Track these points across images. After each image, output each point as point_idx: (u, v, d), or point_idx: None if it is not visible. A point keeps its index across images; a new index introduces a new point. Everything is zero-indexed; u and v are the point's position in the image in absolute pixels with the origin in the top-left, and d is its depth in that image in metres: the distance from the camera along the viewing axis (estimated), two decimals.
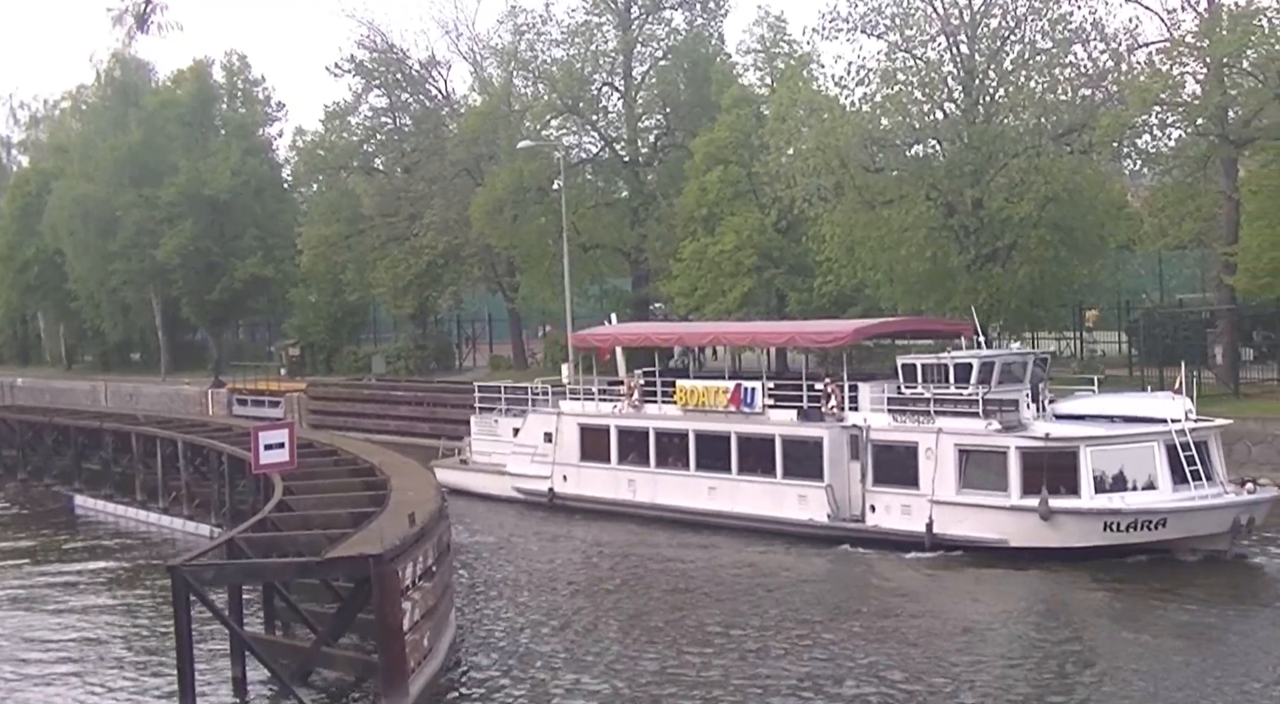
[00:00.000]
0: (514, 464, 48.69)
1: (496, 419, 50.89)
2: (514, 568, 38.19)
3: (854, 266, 54.33)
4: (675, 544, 40.23)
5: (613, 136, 70.34)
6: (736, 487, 41.81)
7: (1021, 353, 40.19)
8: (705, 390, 43.78)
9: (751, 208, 60.25)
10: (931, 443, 37.34)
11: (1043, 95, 51.55)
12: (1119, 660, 26.89)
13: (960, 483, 36.87)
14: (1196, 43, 46.77)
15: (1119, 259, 58.57)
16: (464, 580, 35.38)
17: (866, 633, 29.52)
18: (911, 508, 37.55)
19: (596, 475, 45.91)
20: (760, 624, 30.48)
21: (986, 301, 50.53)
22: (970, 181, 51.23)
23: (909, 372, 39.67)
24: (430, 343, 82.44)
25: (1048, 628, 29.70)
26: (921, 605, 32.18)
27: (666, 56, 69.32)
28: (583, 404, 47.18)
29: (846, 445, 39.48)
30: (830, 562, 37.22)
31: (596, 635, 29.94)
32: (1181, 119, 48.34)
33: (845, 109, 53.72)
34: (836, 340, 43.17)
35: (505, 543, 42.04)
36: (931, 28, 52.97)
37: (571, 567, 38.65)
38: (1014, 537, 35.59)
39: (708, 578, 35.57)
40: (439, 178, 74.14)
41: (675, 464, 43.75)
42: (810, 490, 39.69)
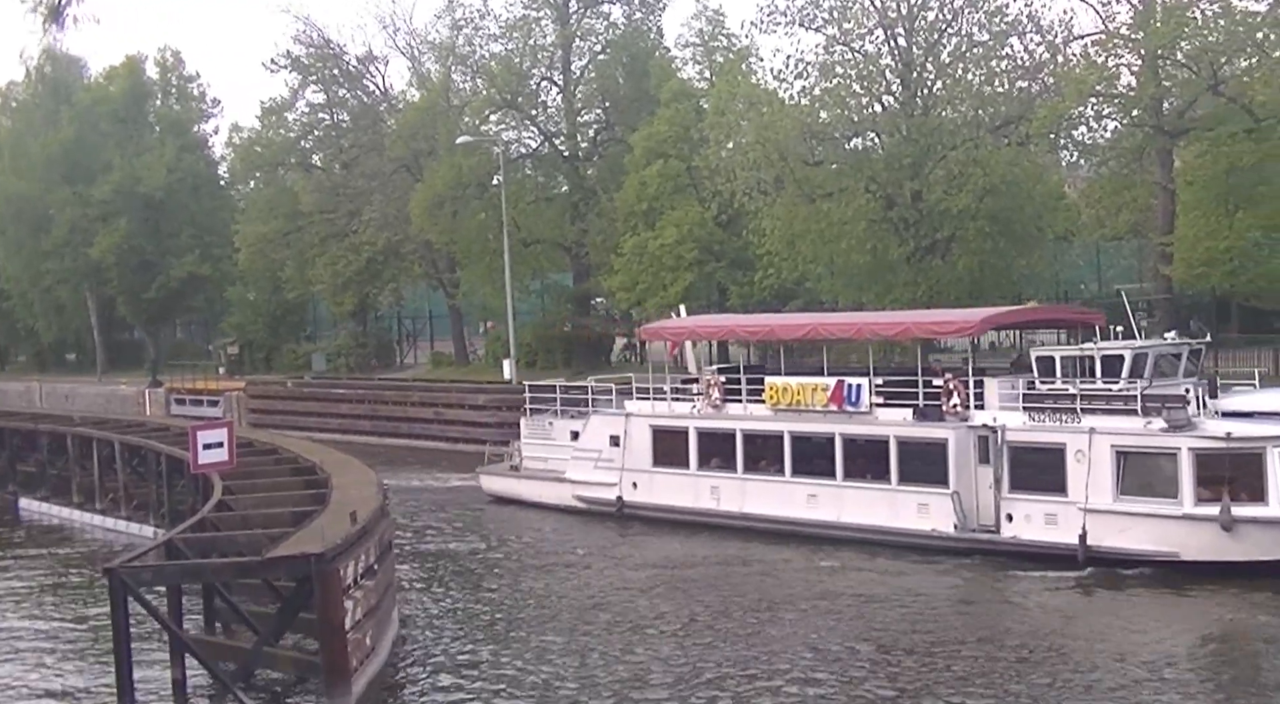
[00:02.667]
0: (575, 470, 44.18)
1: (551, 421, 46.20)
2: (601, 584, 34.31)
3: (795, 260, 54.51)
4: (771, 557, 36.45)
5: (552, 131, 70.16)
6: (842, 494, 37.53)
7: (1177, 343, 35.53)
8: (801, 388, 39.26)
9: (692, 202, 60.30)
10: (1083, 444, 33.23)
11: (980, 87, 51.98)
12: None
13: (1118, 489, 32.82)
14: (1131, 35, 47.17)
15: (1057, 250, 59.05)
16: (534, 593, 33.30)
17: (1028, 666, 25.74)
18: (1058, 517, 33.47)
19: (672, 482, 41.50)
20: (890, 645, 27.59)
21: (926, 293, 50.88)
22: (909, 174, 51.52)
23: (1046, 364, 35.61)
24: (371, 340, 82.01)
25: (1244, 657, 26.48)
26: (1087, 630, 28.10)
27: (605, 51, 69.24)
28: (653, 404, 42.87)
29: (974, 447, 35.41)
30: (964, 578, 33.32)
31: (685, 655, 27.27)
32: (1117, 110, 48.78)
33: (784, 102, 54.00)
34: (963, 331, 39.33)
35: (571, 556, 38.29)
36: (869, 21, 53.23)
37: (657, 580, 34.77)
38: (1187, 549, 31.61)
39: (818, 594, 32.16)
40: (378, 174, 73.77)
41: (767, 469, 39.52)
42: (933, 498, 35.57)
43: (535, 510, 44.56)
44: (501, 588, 34.26)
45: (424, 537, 41.65)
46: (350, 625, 24.14)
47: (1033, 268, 55.13)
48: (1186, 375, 34.60)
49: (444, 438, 62.47)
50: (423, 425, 64.16)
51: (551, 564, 37.12)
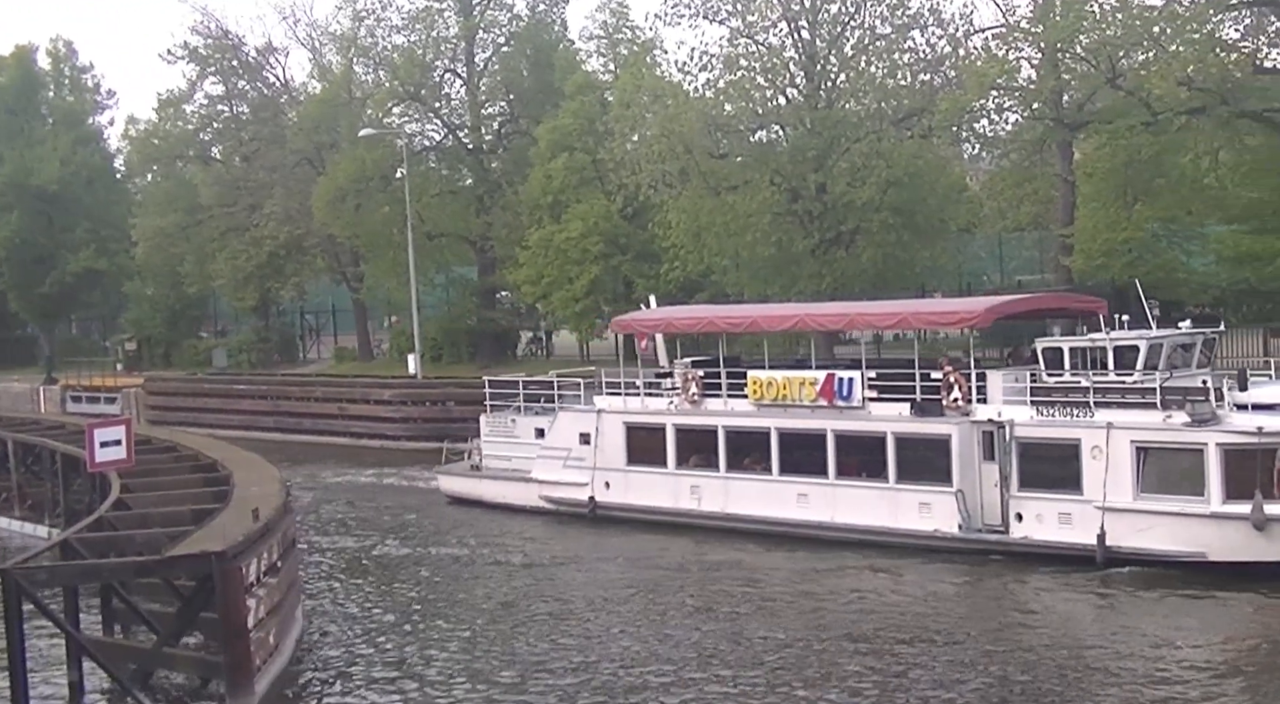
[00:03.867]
0: (542, 470, 42.03)
1: (514, 418, 44.08)
2: (587, 593, 32.19)
3: (700, 252, 54.54)
4: (759, 559, 34.67)
5: (456, 124, 69.73)
6: (834, 493, 35.68)
7: (1191, 333, 33.74)
8: (787, 381, 37.23)
9: (597, 195, 60.17)
10: (1099, 439, 31.54)
11: (883, 80, 52.33)
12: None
13: (1139, 487, 31.16)
14: (1031, 28, 47.61)
15: (960, 242, 59.56)
16: (472, 593, 32.12)
17: (1050, 673, 24.24)
18: (1073, 516, 31.83)
19: (649, 481, 39.46)
20: (900, 655, 25.79)
21: (831, 286, 51.13)
22: (813, 166, 51.72)
23: (1053, 356, 33.71)
24: (273, 335, 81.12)
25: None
26: (1110, 634, 26.68)
27: (509, 43, 68.90)
28: (625, 400, 40.78)
29: (979, 443, 33.66)
30: (971, 580, 31.69)
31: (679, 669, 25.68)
32: (1018, 103, 49.21)
33: (689, 95, 54.02)
34: (965, 322, 36.45)
35: (540, 561, 36.34)
36: (773, 13, 53.38)
37: (630, 581, 33.05)
38: (1214, 549, 30.01)
39: (813, 599, 30.54)
40: (279, 167, 72.98)
41: (752, 468, 37.66)
42: (935, 497, 33.78)
43: (498, 512, 42.53)
44: (438, 588, 33.58)
45: (374, 538, 40.09)
46: (253, 624, 23.75)
47: (936, 259, 55.55)
48: (1199, 366, 33.22)
49: (348, 434, 61.94)
50: (327, 421, 63.50)
51: (513, 565, 35.76)
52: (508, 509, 42.42)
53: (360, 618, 30.46)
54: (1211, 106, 43.06)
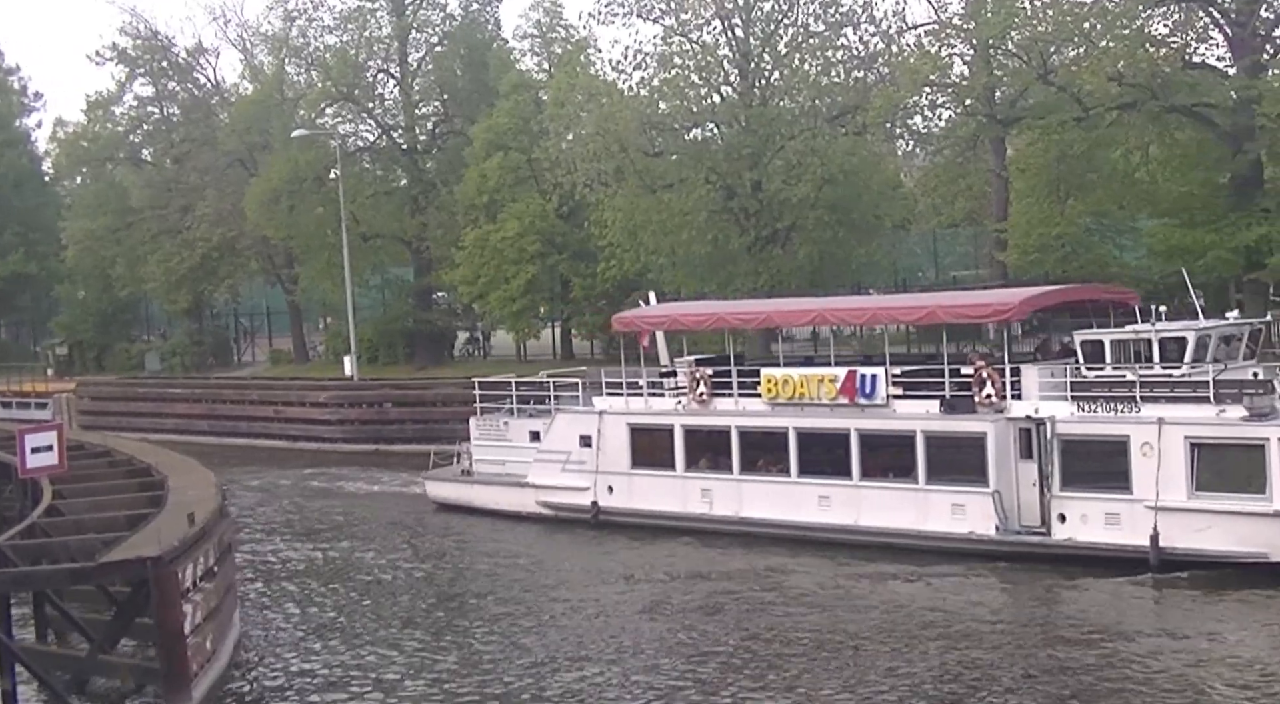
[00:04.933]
0: (538, 474, 40.42)
1: (506, 421, 42.45)
2: (599, 605, 30.47)
3: (637, 251, 54.56)
4: (781, 565, 32.83)
5: (390, 124, 69.34)
6: (859, 495, 34.07)
7: (1238, 323, 32.43)
8: (805, 380, 35.63)
9: (533, 194, 60.03)
10: (1150, 436, 29.98)
11: (817, 78, 52.59)
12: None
13: (1193, 485, 29.68)
14: (963, 25, 47.97)
15: (895, 238, 59.88)
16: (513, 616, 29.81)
17: (1111, 686, 22.87)
18: (1122, 517, 30.33)
19: (656, 485, 37.79)
20: (945, 669, 24.11)
21: (767, 283, 51.28)
22: (749, 164, 51.89)
23: (1093, 349, 32.26)
24: (207, 338, 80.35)
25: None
26: (1170, 640, 25.43)
27: (443, 42, 68.56)
28: (626, 400, 39.15)
29: (1015, 441, 32.17)
30: (1014, 586, 30.13)
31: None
32: (951, 100, 49.55)
33: (623, 94, 54.08)
34: (999, 314, 34.73)
35: (534, 568, 34.81)
36: (706, 11, 53.56)
37: (647, 595, 31.28)
38: (1278, 550, 28.71)
39: (845, 608, 28.75)
40: (211, 168, 72.34)
41: (768, 470, 36.04)
42: (969, 498, 32.20)
43: (492, 518, 40.93)
44: (393, 594, 32.66)
45: (356, 545, 38.95)
46: (190, 630, 23.50)
47: (871, 256, 55.90)
48: (1245, 358, 31.99)
49: (284, 436, 61.49)
50: (263, 424, 63.00)
51: (500, 573, 34.28)
52: (501, 516, 40.86)
53: (302, 623, 30.13)
54: (1142, 101, 43.49)
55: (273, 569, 36.24)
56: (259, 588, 33.69)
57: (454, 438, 55.63)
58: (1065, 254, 47.25)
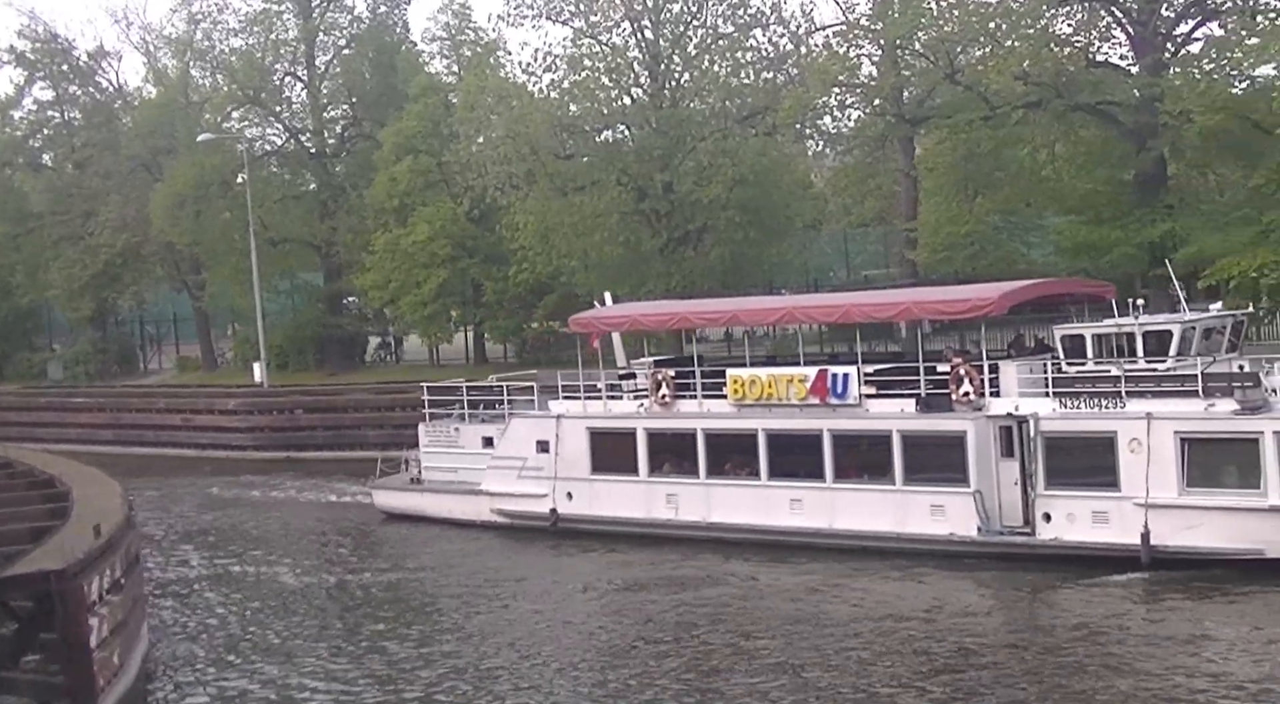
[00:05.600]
0: (493, 481, 39.21)
1: (457, 426, 41.34)
2: (543, 608, 29.92)
3: (549, 254, 54.35)
4: (751, 572, 31.86)
5: (298, 128, 68.58)
6: (833, 498, 33.18)
7: (1221, 315, 31.89)
8: (773, 380, 34.61)
9: (444, 198, 59.65)
10: (1138, 432, 29.33)
11: (727, 79, 52.75)
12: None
13: (1184, 481, 29.06)
14: (871, 26, 48.23)
15: (806, 238, 60.18)
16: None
17: (1117, 689, 22.14)
18: (1110, 515, 29.68)
19: (618, 491, 36.75)
20: (929, 676, 23.33)
21: (680, 284, 51.31)
22: (660, 166, 51.94)
23: (1073, 344, 31.67)
24: (111, 346, 78.94)
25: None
26: (1167, 641, 24.62)
27: (350, 45, 67.93)
28: (584, 404, 38.12)
29: (996, 439, 31.47)
30: (999, 587, 29.33)
31: None
32: (860, 100, 49.82)
33: (534, 96, 53.87)
34: (977, 310, 33.28)
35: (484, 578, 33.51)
36: (615, 13, 53.58)
37: (610, 606, 30.34)
38: (1274, 545, 28.06)
39: (819, 616, 27.83)
40: (114, 173, 71.11)
41: (736, 473, 35.21)
42: (949, 498, 31.48)
43: (444, 527, 39.72)
44: (320, 603, 31.93)
45: (279, 555, 38.00)
46: (96, 643, 22.98)
47: (783, 256, 56.10)
48: (1227, 351, 31.27)
49: (192, 444, 60.71)
50: (170, 433, 62.11)
51: (450, 585, 33.10)
52: (454, 524, 39.67)
53: (215, 636, 29.53)
54: (1047, 100, 43.93)
55: (184, 581, 35.55)
56: (169, 601, 33.08)
57: (366, 444, 55.38)
58: (974, 252, 47.69)
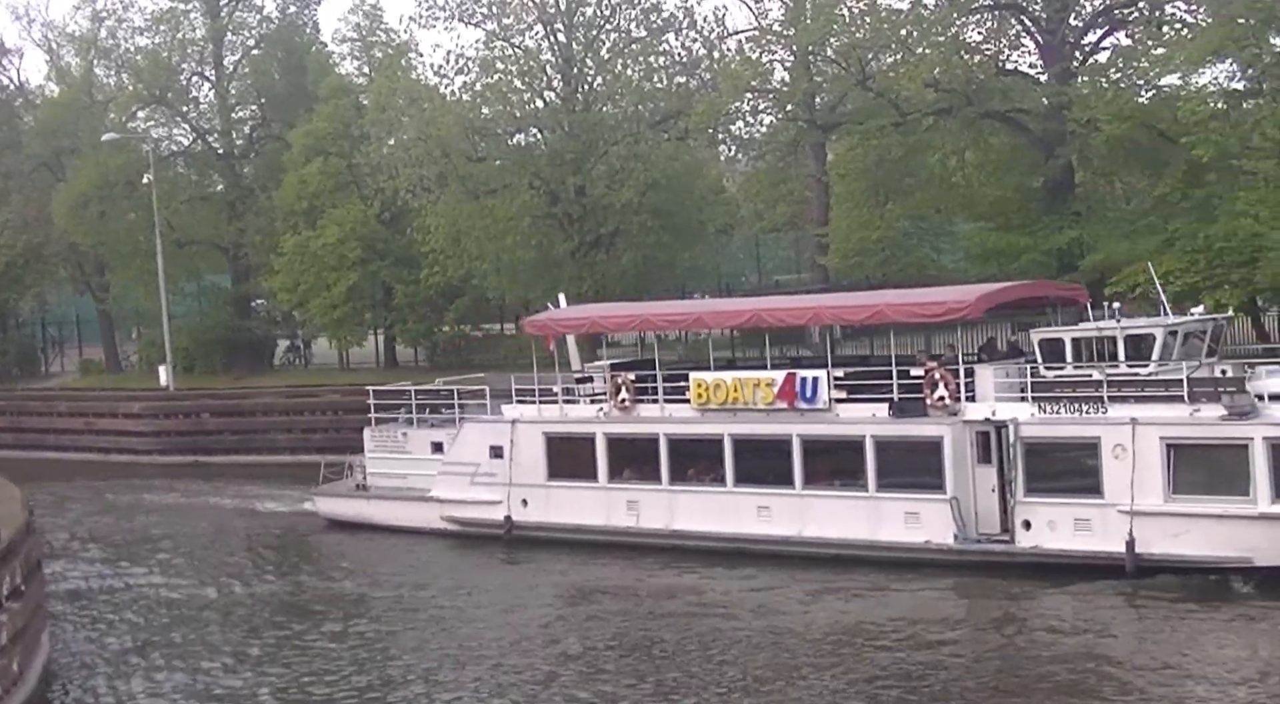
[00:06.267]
0: (444, 488, 38.05)
1: (404, 431, 40.08)
2: (497, 622, 28.86)
3: (460, 257, 54.08)
4: (717, 582, 30.98)
5: (206, 128, 67.67)
6: (803, 505, 32.37)
7: (1203, 320, 31.37)
8: (738, 384, 33.73)
9: (354, 200, 59.09)
10: (1123, 437, 28.66)
11: (639, 83, 52.82)
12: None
13: (1170, 488, 28.45)
14: (783, 31, 48.38)
15: (718, 243, 60.29)
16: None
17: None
18: (1093, 522, 29.03)
19: (576, 497, 35.67)
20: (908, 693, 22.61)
21: (592, 288, 51.25)
22: (572, 169, 51.87)
23: (1052, 348, 31.08)
24: (11, 348, 77.44)
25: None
26: (1156, 650, 24.14)
27: (259, 45, 67.13)
28: (539, 408, 37.01)
29: (972, 445, 30.82)
30: (977, 597, 28.58)
31: None
32: (772, 105, 49.90)
33: (446, 98, 53.60)
34: (954, 313, 32.47)
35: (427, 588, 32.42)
36: (528, 16, 53.47)
37: (567, 617, 29.51)
38: (1262, 554, 27.47)
39: (791, 627, 26.93)
40: (15, 173, 69.78)
41: (701, 479, 34.28)
42: (925, 505, 30.75)
43: (391, 536, 38.40)
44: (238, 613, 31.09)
45: (190, 563, 37.07)
46: None
47: (695, 261, 56.15)
48: (1207, 356, 30.73)
49: (95, 449, 59.72)
50: (72, 436, 61.12)
51: (388, 594, 32.15)
52: (402, 532, 38.38)
53: (119, 644, 29.00)
54: (957, 107, 44.26)
55: (86, 588, 34.76)
56: (71, 608, 32.37)
57: (276, 448, 54.84)
58: (885, 257, 47.92)
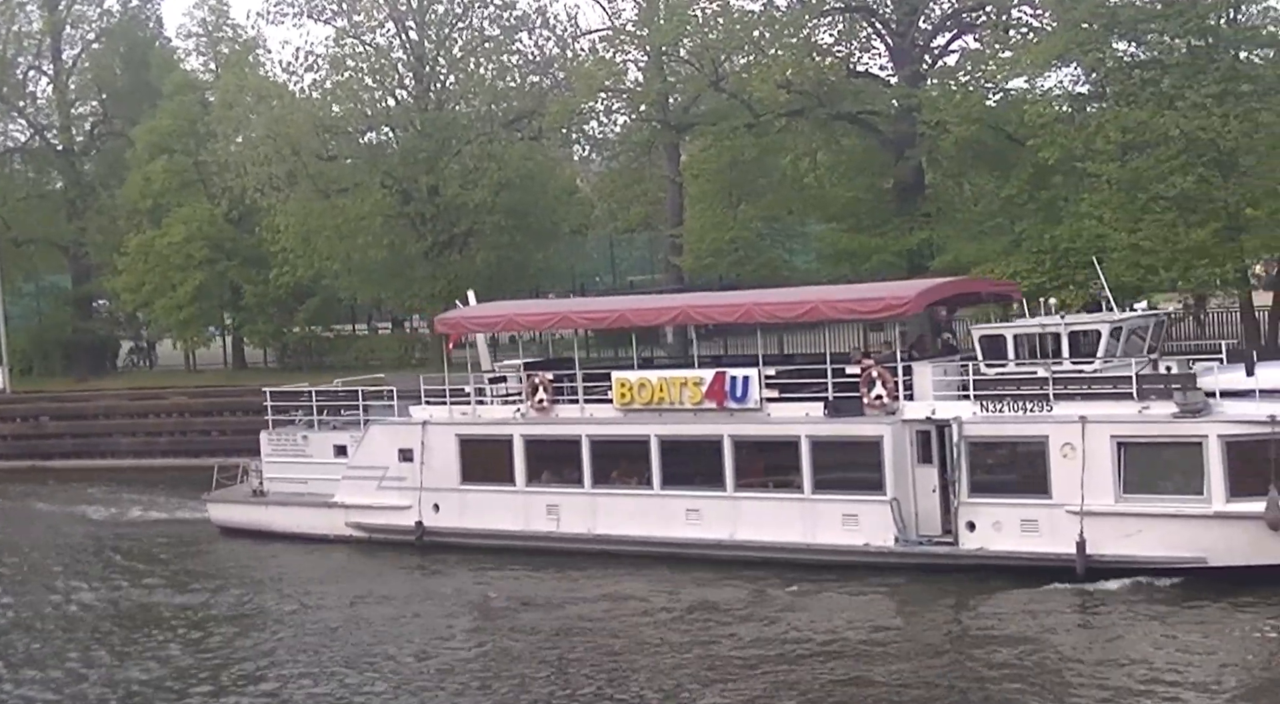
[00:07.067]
0: (348, 493, 36.37)
1: (304, 434, 38.38)
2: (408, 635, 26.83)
3: (311, 257, 53.33)
4: (644, 588, 29.49)
5: (44, 124, 65.97)
6: (734, 508, 31.26)
7: (1146, 315, 31.15)
8: (664, 383, 32.55)
9: (201, 198, 57.94)
10: (1072, 436, 27.91)
11: (492, 82, 52.61)
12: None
13: (1121, 487, 27.69)
14: (636, 31, 48.38)
15: (572, 243, 60.16)
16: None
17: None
18: (1040, 523, 28.16)
19: (491, 501, 34.20)
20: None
21: (445, 289, 50.78)
22: (425, 169, 51.45)
23: (993, 345, 30.44)
24: None
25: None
26: (1106, 656, 23.16)
27: (100, 39, 65.58)
28: (450, 409, 35.57)
29: (913, 445, 29.98)
30: (919, 601, 27.45)
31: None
32: (626, 105, 49.94)
33: (295, 96, 52.92)
34: (893, 309, 31.57)
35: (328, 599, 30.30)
36: (379, 13, 53.04)
37: (482, 629, 27.61)
38: (1217, 554, 26.73)
39: (726, 637, 25.46)
40: None
41: (626, 482, 32.93)
42: (863, 507, 29.75)
43: (291, 543, 36.64)
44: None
45: (61, 573, 34.74)
46: None
47: (549, 261, 55.94)
48: (1149, 352, 30.20)
49: None
50: None
51: (296, 603, 30.14)
52: (304, 539, 36.66)
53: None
54: (809, 109, 44.58)
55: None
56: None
57: (119, 452, 53.39)
58: (738, 258, 48.11)
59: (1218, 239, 36.46)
